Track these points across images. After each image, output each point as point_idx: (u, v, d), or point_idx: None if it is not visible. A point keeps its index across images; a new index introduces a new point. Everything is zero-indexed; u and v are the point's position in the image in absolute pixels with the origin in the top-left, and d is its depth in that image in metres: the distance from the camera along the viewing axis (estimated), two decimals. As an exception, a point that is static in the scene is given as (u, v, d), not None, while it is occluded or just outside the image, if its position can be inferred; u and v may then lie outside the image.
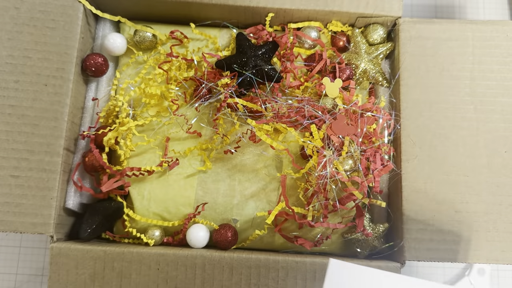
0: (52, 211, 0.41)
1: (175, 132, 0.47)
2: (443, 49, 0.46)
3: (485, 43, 0.46)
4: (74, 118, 0.45)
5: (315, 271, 0.41)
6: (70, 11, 0.45)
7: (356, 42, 0.48)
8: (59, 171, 0.42)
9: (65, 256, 0.41)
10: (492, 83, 0.45)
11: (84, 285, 0.41)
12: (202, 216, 0.46)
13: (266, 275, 0.41)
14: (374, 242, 0.45)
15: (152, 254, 0.41)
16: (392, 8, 0.46)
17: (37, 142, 0.42)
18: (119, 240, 0.46)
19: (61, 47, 0.44)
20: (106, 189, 0.44)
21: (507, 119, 0.45)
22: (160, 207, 0.46)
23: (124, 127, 0.44)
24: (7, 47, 0.43)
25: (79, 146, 0.46)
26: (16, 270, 0.53)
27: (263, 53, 0.45)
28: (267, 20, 0.48)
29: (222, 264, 0.41)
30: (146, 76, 0.47)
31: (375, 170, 0.44)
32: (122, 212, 0.46)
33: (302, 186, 0.45)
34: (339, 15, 0.47)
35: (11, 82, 0.43)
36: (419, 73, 0.46)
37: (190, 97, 0.48)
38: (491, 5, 0.61)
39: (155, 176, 0.46)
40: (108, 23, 0.50)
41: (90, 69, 0.46)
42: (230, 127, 0.46)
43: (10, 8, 0.44)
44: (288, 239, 0.45)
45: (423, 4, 0.61)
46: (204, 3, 0.46)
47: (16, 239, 0.53)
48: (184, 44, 0.49)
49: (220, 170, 0.47)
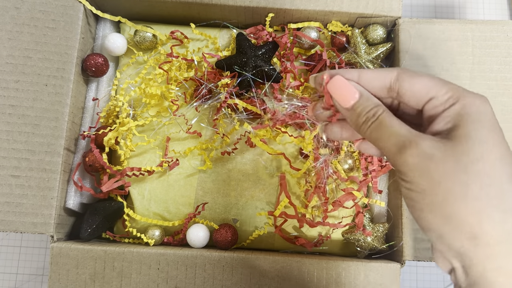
0: (53, 211, 0.41)
1: (175, 132, 0.47)
2: (443, 49, 0.46)
3: (485, 43, 0.46)
4: (74, 118, 0.45)
5: (315, 271, 0.41)
6: (71, 11, 0.45)
7: (356, 42, 0.48)
8: (59, 171, 0.42)
9: (66, 256, 0.41)
10: (492, 83, 0.45)
11: (84, 285, 0.41)
12: (202, 216, 0.46)
13: (266, 275, 0.41)
14: (374, 242, 0.45)
15: (152, 254, 0.41)
16: (391, 8, 0.46)
17: (38, 142, 0.42)
18: (119, 240, 0.46)
19: (61, 47, 0.44)
20: (106, 189, 0.44)
21: (507, 119, 0.45)
22: (160, 207, 0.46)
23: (124, 127, 0.44)
24: (8, 47, 0.43)
25: (79, 146, 0.46)
26: (17, 270, 0.53)
27: (263, 53, 0.45)
28: (267, 20, 0.48)
29: (222, 264, 0.41)
30: (147, 76, 0.47)
31: (373, 170, 0.44)
32: (122, 212, 0.46)
33: (301, 186, 0.45)
34: (339, 15, 0.47)
35: (12, 82, 0.43)
36: (419, 73, 0.46)
37: (190, 97, 0.48)
38: (490, 5, 0.61)
39: (155, 176, 0.46)
40: (109, 23, 0.50)
41: (91, 69, 0.46)
42: (230, 127, 0.46)
43: (10, 8, 0.44)
44: (289, 240, 0.45)
45: (422, 4, 0.61)
46: (204, 3, 0.46)
47: (16, 239, 0.53)
48: (184, 44, 0.49)
49: (220, 170, 0.47)
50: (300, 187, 0.46)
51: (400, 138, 0.24)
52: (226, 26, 0.50)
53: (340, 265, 0.41)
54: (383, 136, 0.24)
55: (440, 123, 0.24)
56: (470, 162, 0.22)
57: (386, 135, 0.24)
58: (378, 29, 0.48)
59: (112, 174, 0.45)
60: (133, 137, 0.47)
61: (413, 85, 0.25)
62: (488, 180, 0.21)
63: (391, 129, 0.24)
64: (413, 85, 0.25)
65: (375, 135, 0.25)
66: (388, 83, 0.26)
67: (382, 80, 0.26)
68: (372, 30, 0.48)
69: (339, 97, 0.26)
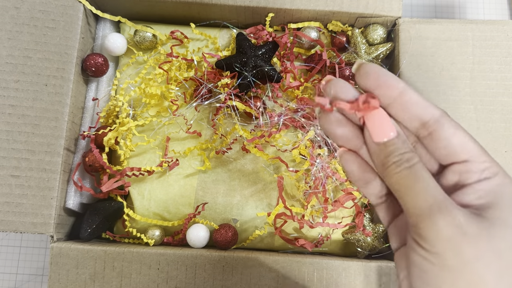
0: (52, 211, 0.41)
1: (175, 132, 0.47)
2: (443, 49, 0.46)
3: (485, 43, 0.46)
4: (74, 118, 0.45)
5: (315, 271, 0.41)
6: (70, 11, 0.45)
7: (356, 42, 0.48)
8: (59, 171, 0.42)
9: (65, 256, 0.41)
10: (492, 83, 0.45)
11: (84, 285, 0.41)
12: (202, 216, 0.46)
13: (266, 275, 0.41)
14: (374, 242, 0.45)
15: (152, 254, 0.41)
16: (392, 8, 0.46)
17: (38, 142, 0.42)
18: (119, 240, 0.46)
19: (61, 47, 0.44)
20: (106, 189, 0.44)
21: (507, 119, 0.45)
22: (160, 207, 0.46)
23: (124, 127, 0.44)
24: (7, 47, 0.43)
25: (79, 146, 0.46)
26: (16, 270, 0.53)
27: (263, 53, 0.45)
28: (267, 20, 0.48)
29: (222, 264, 0.41)
30: (146, 76, 0.47)
31: None
32: (122, 212, 0.46)
33: (301, 186, 0.45)
34: (339, 15, 0.47)
35: (12, 82, 0.43)
36: (419, 73, 0.46)
37: (190, 97, 0.48)
38: (491, 5, 0.61)
39: (155, 176, 0.46)
40: (108, 23, 0.50)
41: (90, 69, 0.46)
42: (230, 128, 0.46)
43: (10, 8, 0.44)
44: (289, 241, 0.45)
45: (423, 4, 0.61)
46: (204, 3, 0.46)
47: (16, 239, 0.53)
48: (184, 44, 0.49)
49: (220, 170, 0.47)
50: (298, 188, 0.46)
51: (433, 199, 0.21)
52: (226, 26, 0.50)
53: (340, 265, 0.41)
54: (413, 188, 0.21)
55: (471, 195, 0.22)
56: (507, 249, 0.20)
57: (417, 189, 0.21)
58: (378, 29, 0.48)
59: (112, 174, 0.45)
60: (133, 137, 0.47)
61: (452, 136, 0.22)
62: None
63: (425, 185, 0.21)
64: (452, 136, 0.22)
65: (404, 183, 0.21)
66: (427, 118, 0.22)
67: (422, 110, 0.22)
68: (372, 30, 0.48)
69: (373, 128, 0.23)
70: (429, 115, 0.22)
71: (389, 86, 0.22)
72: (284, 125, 0.45)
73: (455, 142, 0.22)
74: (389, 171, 0.22)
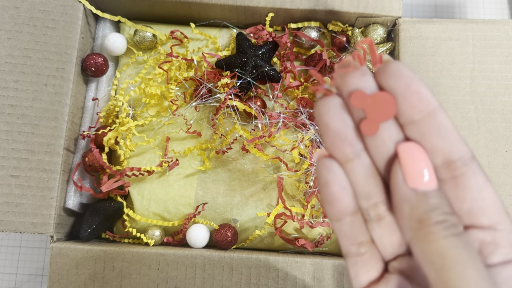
0: (52, 211, 0.41)
1: (175, 132, 0.47)
2: (443, 49, 0.46)
3: (485, 43, 0.46)
4: (74, 118, 0.45)
5: (315, 271, 0.41)
6: (70, 11, 0.45)
7: (356, 42, 0.48)
8: (59, 171, 0.42)
9: (65, 256, 0.41)
10: (493, 83, 0.45)
11: (84, 285, 0.40)
12: (202, 216, 0.46)
13: (266, 275, 0.41)
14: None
15: (152, 254, 0.41)
16: (392, 8, 0.46)
17: (37, 142, 0.42)
18: (119, 240, 0.46)
19: (61, 47, 0.44)
20: (106, 189, 0.44)
21: (508, 119, 0.45)
22: (160, 207, 0.46)
23: (124, 127, 0.44)
24: (7, 47, 0.43)
25: (79, 146, 0.46)
26: (16, 270, 0.53)
27: (263, 53, 0.45)
28: (267, 20, 0.48)
29: (222, 264, 0.41)
30: (146, 76, 0.47)
31: None
32: (122, 212, 0.45)
33: (301, 186, 0.45)
34: (339, 15, 0.47)
35: (11, 82, 0.43)
36: (419, 73, 0.46)
37: (190, 97, 0.47)
38: (491, 5, 0.61)
39: (155, 176, 0.46)
40: (108, 23, 0.50)
41: (90, 69, 0.46)
42: (230, 127, 0.46)
43: (10, 7, 0.44)
44: (289, 242, 0.45)
45: (423, 4, 0.61)
46: (204, 3, 0.46)
47: (16, 239, 0.53)
48: (184, 44, 0.49)
49: (220, 170, 0.47)
50: (298, 188, 0.46)
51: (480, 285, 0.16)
52: (226, 25, 0.50)
53: (340, 265, 0.41)
54: (462, 266, 0.16)
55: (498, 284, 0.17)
56: None
57: (468, 272, 0.16)
58: (378, 29, 0.48)
59: (112, 174, 0.45)
60: (133, 137, 0.47)
61: (482, 189, 0.17)
62: None
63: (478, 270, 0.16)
64: (483, 190, 0.17)
65: (452, 254, 0.16)
66: (455, 156, 0.17)
67: (452, 143, 0.17)
68: (372, 30, 0.48)
69: (410, 167, 0.17)
70: (458, 153, 0.17)
71: (421, 100, 0.17)
72: (284, 125, 0.45)
73: (485, 197, 0.17)
74: (431, 233, 0.16)
